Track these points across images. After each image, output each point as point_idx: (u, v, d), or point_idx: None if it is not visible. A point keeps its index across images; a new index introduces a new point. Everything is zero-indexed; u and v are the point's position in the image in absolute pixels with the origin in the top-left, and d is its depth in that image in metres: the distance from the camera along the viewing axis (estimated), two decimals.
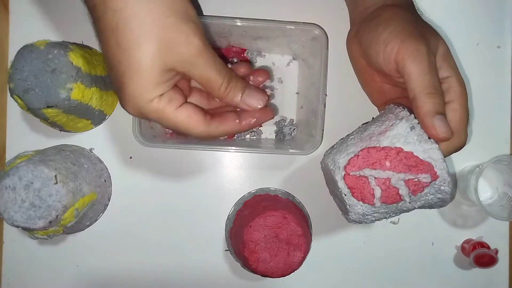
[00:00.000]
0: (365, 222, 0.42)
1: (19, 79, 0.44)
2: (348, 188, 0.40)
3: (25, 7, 0.53)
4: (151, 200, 0.54)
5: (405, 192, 0.39)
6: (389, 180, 0.39)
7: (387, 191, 0.39)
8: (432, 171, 0.38)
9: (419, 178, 0.38)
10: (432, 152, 0.38)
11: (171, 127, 0.38)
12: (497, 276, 0.56)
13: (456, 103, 0.39)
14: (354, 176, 0.40)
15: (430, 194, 0.40)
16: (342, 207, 0.44)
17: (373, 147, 0.39)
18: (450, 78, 0.40)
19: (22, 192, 0.43)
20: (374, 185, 0.39)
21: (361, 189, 0.40)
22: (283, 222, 0.47)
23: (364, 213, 0.41)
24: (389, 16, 0.42)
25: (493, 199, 0.55)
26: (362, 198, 0.40)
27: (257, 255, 0.47)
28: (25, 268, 0.54)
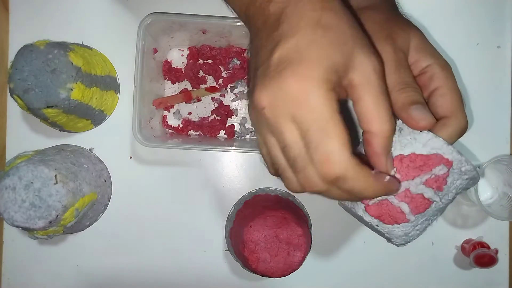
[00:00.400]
0: (414, 238, 0.39)
1: (19, 79, 0.44)
2: (376, 218, 0.37)
3: (25, 7, 0.53)
4: (151, 200, 0.54)
5: (431, 194, 0.37)
6: (408, 190, 0.36)
7: (413, 201, 0.37)
8: (443, 159, 0.36)
9: (435, 173, 0.36)
10: (432, 142, 0.36)
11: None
12: (497, 276, 0.56)
13: (443, 87, 0.38)
14: (374, 204, 0.37)
15: (456, 181, 0.37)
16: (381, 234, 0.41)
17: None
18: (430, 66, 0.39)
19: (22, 192, 0.43)
20: (398, 203, 0.37)
21: (388, 212, 0.37)
22: (283, 222, 0.47)
23: (406, 233, 0.38)
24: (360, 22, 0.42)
25: (493, 199, 0.55)
26: (395, 221, 0.37)
27: (257, 255, 0.47)
28: (25, 268, 0.54)
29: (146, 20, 0.46)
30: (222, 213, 0.54)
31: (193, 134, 0.54)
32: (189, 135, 0.54)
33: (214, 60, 0.54)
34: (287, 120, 0.30)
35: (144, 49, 0.47)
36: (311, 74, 0.29)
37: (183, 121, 0.54)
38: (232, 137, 0.54)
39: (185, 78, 0.54)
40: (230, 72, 0.54)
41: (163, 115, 0.54)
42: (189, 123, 0.54)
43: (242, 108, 0.55)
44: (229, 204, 0.54)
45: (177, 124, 0.54)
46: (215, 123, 0.54)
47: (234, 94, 0.55)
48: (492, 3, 0.56)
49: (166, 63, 0.54)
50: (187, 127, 0.54)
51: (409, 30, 0.40)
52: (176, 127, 0.54)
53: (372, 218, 0.38)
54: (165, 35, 0.51)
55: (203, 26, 0.49)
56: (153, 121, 0.51)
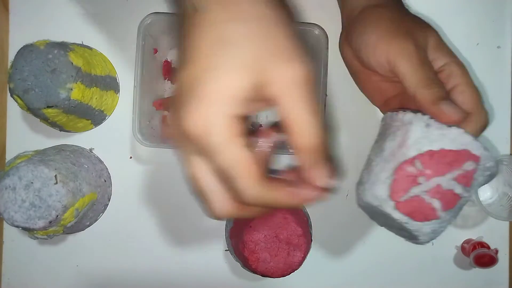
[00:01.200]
0: (437, 235, 0.39)
1: (19, 79, 0.44)
2: (407, 215, 0.36)
3: (25, 7, 0.53)
4: (151, 200, 0.54)
5: (460, 189, 0.36)
6: (440, 186, 0.36)
7: (444, 197, 0.36)
8: (471, 156, 0.36)
9: (464, 169, 0.36)
10: (461, 138, 0.36)
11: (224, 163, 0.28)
12: (497, 276, 0.56)
13: (461, 85, 0.39)
14: (406, 201, 0.36)
15: (479, 177, 0.37)
16: (405, 234, 0.40)
17: (404, 161, 0.36)
18: (447, 65, 0.40)
19: (22, 192, 0.43)
20: (430, 199, 0.36)
21: (420, 209, 0.36)
22: (283, 222, 0.47)
23: (433, 230, 0.38)
24: (374, 19, 0.42)
25: (493, 199, 0.55)
26: (426, 217, 0.36)
27: (257, 255, 0.47)
28: (25, 268, 0.54)
29: (146, 20, 0.46)
30: None
31: None
32: None
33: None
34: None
35: (144, 49, 0.47)
36: (208, 111, 0.27)
37: None
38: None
39: None
40: None
41: (163, 115, 0.54)
42: None
43: None
44: None
45: None
46: None
47: None
48: (492, 3, 0.56)
49: (166, 63, 0.54)
50: None
51: (426, 29, 0.41)
52: None
53: (402, 216, 0.36)
54: (165, 35, 0.51)
55: None
56: (153, 121, 0.51)
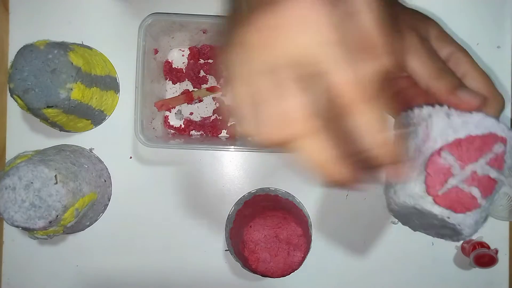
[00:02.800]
0: (479, 227, 0.38)
1: (19, 79, 0.44)
2: (448, 208, 0.35)
3: (25, 7, 0.53)
4: (151, 200, 0.54)
5: (496, 173, 0.36)
6: (475, 173, 0.35)
7: (482, 184, 0.35)
8: (498, 137, 0.35)
9: (495, 152, 0.35)
10: (483, 122, 0.35)
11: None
12: (497, 276, 0.56)
13: (471, 71, 0.39)
14: (444, 193, 0.35)
15: (508, 159, 0.37)
16: (446, 232, 0.39)
17: (433, 154, 0.35)
18: (453, 53, 0.40)
19: (22, 192, 0.43)
20: (468, 187, 0.35)
21: (460, 200, 0.35)
22: (283, 222, 0.47)
23: (476, 221, 0.37)
24: None
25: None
26: (467, 208, 0.35)
27: (257, 255, 0.47)
28: (25, 268, 0.54)
29: (146, 20, 0.46)
30: (222, 213, 0.54)
31: (195, 134, 0.54)
32: (191, 135, 0.54)
33: (215, 60, 0.54)
34: None
35: (145, 49, 0.47)
36: None
37: (185, 121, 0.54)
38: (234, 136, 0.54)
39: (186, 78, 0.54)
40: None
41: (165, 116, 0.54)
42: (191, 123, 0.54)
43: None
44: (229, 204, 0.54)
45: (179, 124, 0.54)
46: (217, 122, 0.54)
47: None
48: (492, 3, 0.56)
49: (167, 63, 0.54)
50: (188, 127, 0.54)
51: (426, 20, 0.41)
52: (178, 127, 0.54)
53: (443, 210, 0.35)
54: (166, 35, 0.51)
55: (204, 26, 0.49)
56: (155, 121, 0.51)
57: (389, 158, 0.29)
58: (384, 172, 0.30)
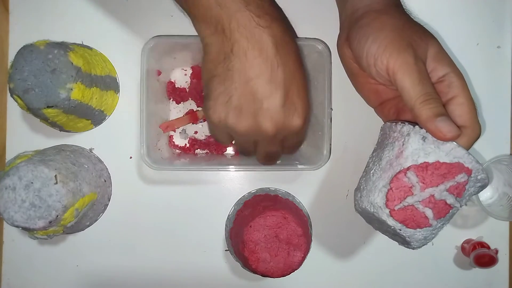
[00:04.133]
0: (429, 241, 0.42)
1: (19, 79, 0.44)
2: (400, 222, 0.39)
3: (25, 7, 0.53)
4: (151, 200, 0.54)
5: (452, 200, 0.39)
6: (433, 196, 0.38)
7: (437, 207, 0.39)
8: (463, 168, 0.38)
9: (457, 181, 0.38)
10: (455, 152, 0.38)
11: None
12: (497, 276, 0.56)
13: (460, 97, 0.40)
14: (400, 209, 0.39)
15: (471, 188, 0.40)
16: (398, 239, 0.43)
17: (400, 171, 0.39)
18: (447, 75, 0.40)
19: (22, 192, 0.43)
20: (423, 208, 0.39)
21: (413, 217, 0.39)
22: (283, 222, 0.47)
23: (425, 237, 0.40)
24: (377, 27, 0.42)
25: (493, 199, 0.55)
26: (418, 225, 0.39)
27: (257, 255, 0.47)
28: (25, 268, 0.54)
29: (149, 43, 0.46)
30: (222, 213, 0.54)
31: (200, 152, 0.54)
32: (196, 154, 0.54)
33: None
34: None
35: (148, 72, 0.47)
36: None
37: (190, 140, 0.54)
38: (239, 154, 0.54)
39: (190, 98, 0.54)
40: None
41: (170, 136, 0.54)
42: (196, 142, 0.54)
43: None
44: (229, 204, 0.54)
45: (184, 144, 0.54)
46: None
47: None
48: (492, 3, 0.56)
49: (170, 83, 0.54)
50: (193, 146, 0.54)
51: (427, 39, 0.42)
52: (183, 146, 0.54)
53: (396, 223, 0.39)
54: (168, 56, 0.51)
55: None
56: (160, 142, 0.51)
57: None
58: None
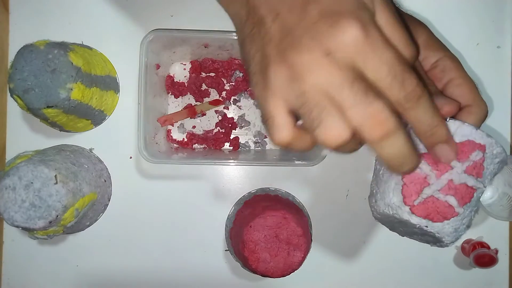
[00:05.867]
0: (462, 234, 0.38)
1: (19, 79, 0.44)
2: (425, 217, 0.36)
3: (25, 7, 0.53)
4: (151, 200, 0.54)
5: (473, 181, 0.36)
6: (451, 182, 0.36)
7: (459, 192, 0.36)
8: (476, 145, 0.36)
9: (472, 160, 0.36)
10: (461, 130, 0.36)
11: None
12: (497, 276, 0.56)
13: (458, 78, 0.39)
14: (420, 203, 0.36)
15: (489, 165, 0.37)
16: (428, 239, 0.40)
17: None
18: (441, 60, 0.39)
19: (22, 192, 0.43)
20: (444, 197, 0.36)
21: (436, 209, 0.36)
22: (283, 222, 0.47)
23: (456, 228, 0.37)
24: None
25: (493, 199, 0.55)
26: (445, 217, 0.36)
27: (257, 255, 0.47)
28: (25, 268, 0.54)
29: (148, 37, 0.46)
30: (222, 213, 0.54)
31: (197, 147, 0.54)
32: (194, 149, 0.54)
33: (217, 73, 0.54)
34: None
35: (147, 65, 0.47)
36: None
37: (188, 135, 0.54)
38: (237, 149, 0.54)
39: (188, 92, 0.54)
40: (233, 84, 0.54)
41: (167, 130, 0.54)
42: (194, 136, 0.54)
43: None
44: (229, 204, 0.54)
45: (182, 138, 0.54)
46: (220, 135, 0.54)
47: (238, 107, 0.55)
48: (492, 3, 0.56)
49: (168, 77, 0.54)
50: (191, 140, 0.54)
51: (416, 26, 0.41)
52: (181, 141, 0.54)
53: (420, 219, 0.36)
54: (167, 50, 0.51)
55: (205, 40, 0.49)
56: (158, 136, 0.51)
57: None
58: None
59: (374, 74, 0.28)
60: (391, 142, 0.29)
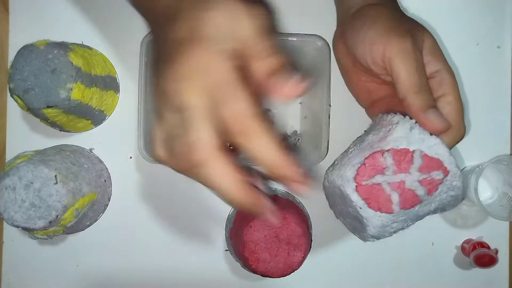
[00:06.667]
0: (384, 236, 0.40)
1: (19, 79, 0.44)
2: (363, 199, 0.38)
3: (25, 7, 0.53)
4: (151, 200, 0.54)
5: (422, 193, 0.37)
6: (403, 183, 0.37)
7: (404, 195, 0.37)
8: (442, 166, 0.37)
9: (432, 176, 0.37)
10: (437, 148, 0.37)
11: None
12: (497, 276, 0.56)
13: (450, 95, 0.39)
14: (366, 185, 0.37)
15: (443, 193, 0.39)
16: (356, 225, 0.42)
17: (378, 151, 0.38)
18: (440, 72, 0.40)
19: (22, 192, 0.43)
20: (390, 191, 0.37)
21: (377, 197, 0.37)
22: (283, 222, 0.47)
23: (383, 225, 0.39)
24: (373, 15, 0.42)
25: (493, 199, 0.55)
26: (380, 207, 0.37)
27: (257, 255, 0.47)
28: (25, 268, 0.54)
29: (148, 37, 0.46)
30: (222, 213, 0.54)
31: None
32: None
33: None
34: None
35: (147, 65, 0.47)
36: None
37: None
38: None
39: None
40: None
41: None
42: None
43: None
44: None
45: None
46: None
47: None
48: (492, 3, 0.56)
49: None
50: None
51: (424, 31, 0.41)
52: None
53: (359, 199, 0.38)
54: None
55: None
56: None
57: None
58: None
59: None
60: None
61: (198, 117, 0.28)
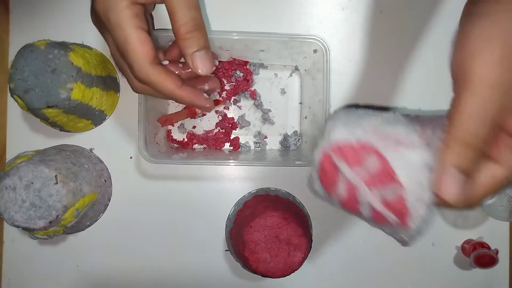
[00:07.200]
0: (317, 195, 0.36)
1: (19, 79, 0.44)
2: (319, 168, 0.33)
3: (25, 7, 0.53)
4: (151, 200, 0.54)
5: (365, 213, 0.33)
6: (356, 189, 0.32)
7: (349, 199, 0.33)
8: (403, 218, 0.31)
9: (385, 214, 0.32)
10: (420, 201, 0.30)
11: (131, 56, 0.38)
12: (497, 277, 0.56)
13: (504, 169, 0.29)
14: (331, 162, 0.32)
15: (387, 229, 0.34)
16: (312, 187, 0.36)
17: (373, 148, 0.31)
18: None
19: (22, 192, 0.43)
20: (341, 180, 0.32)
21: (330, 175, 0.32)
22: (283, 223, 0.47)
23: (323, 196, 0.35)
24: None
25: (493, 200, 0.55)
26: (324, 183, 0.33)
27: (257, 255, 0.47)
28: (25, 268, 0.54)
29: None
30: (222, 213, 0.54)
31: (198, 147, 0.54)
32: (194, 149, 0.54)
33: (217, 73, 0.54)
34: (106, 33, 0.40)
35: None
36: None
37: (188, 135, 0.54)
38: (237, 149, 0.54)
39: None
40: (233, 84, 0.54)
41: (168, 130, 0.54)
42: (194, 136, 0.54)
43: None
44: (229, 204, 0.54)
45: (182, 138, 0.54)
46: (220, 135, 0.54)
47: (238, 107, 0.55)
48: None
49: None
50: (192, 140, 0.54)
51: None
52: (181, 141, 0.54)
53: (317, 160, 0.32)
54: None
55: None
56: (158, 136, 0.51)
57: None
58: None
59: None
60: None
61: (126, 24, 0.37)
